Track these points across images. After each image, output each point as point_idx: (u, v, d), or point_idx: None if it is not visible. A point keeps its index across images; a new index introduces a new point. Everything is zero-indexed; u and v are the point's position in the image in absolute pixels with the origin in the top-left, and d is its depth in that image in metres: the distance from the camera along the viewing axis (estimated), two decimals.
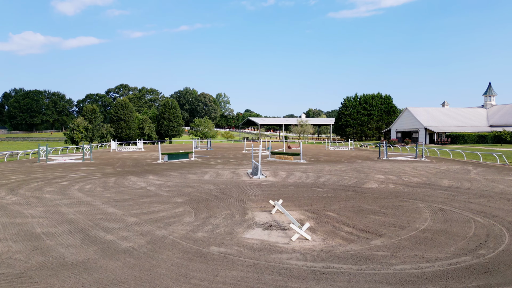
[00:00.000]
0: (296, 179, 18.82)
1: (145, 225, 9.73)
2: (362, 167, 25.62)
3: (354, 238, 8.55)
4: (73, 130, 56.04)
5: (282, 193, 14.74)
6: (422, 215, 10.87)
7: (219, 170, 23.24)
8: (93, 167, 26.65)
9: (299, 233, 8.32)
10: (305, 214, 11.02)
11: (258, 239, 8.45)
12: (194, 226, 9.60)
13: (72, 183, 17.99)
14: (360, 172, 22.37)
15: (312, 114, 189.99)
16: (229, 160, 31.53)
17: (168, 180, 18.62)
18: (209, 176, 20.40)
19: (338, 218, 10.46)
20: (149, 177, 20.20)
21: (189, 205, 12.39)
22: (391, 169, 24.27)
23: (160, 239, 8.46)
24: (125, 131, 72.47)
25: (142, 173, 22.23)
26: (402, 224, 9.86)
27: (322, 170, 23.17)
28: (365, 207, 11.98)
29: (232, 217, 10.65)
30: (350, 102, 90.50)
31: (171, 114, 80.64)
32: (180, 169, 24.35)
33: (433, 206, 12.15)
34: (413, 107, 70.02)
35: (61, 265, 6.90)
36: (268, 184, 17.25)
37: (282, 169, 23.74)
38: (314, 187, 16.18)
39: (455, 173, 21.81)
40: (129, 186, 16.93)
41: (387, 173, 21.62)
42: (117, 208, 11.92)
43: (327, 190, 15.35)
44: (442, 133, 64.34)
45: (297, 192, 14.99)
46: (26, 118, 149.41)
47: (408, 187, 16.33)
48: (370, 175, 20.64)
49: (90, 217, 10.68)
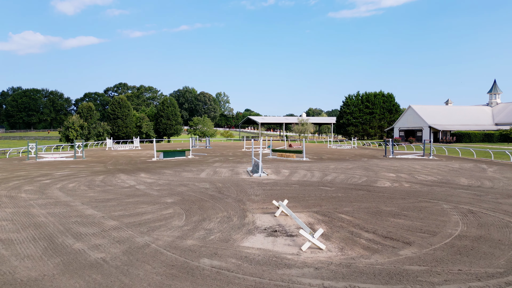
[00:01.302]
0: (301, 177, 17.25)
1: (125, 230, 8.17)
2: (369, 165, 24.05)
3: (378, 247, 6.98)
4: (68, 128, 54.37)
5: (286, 192, 13.17)
6: (451, 218, 9.31)
7: (216, 168, 21.67)
8: (83, 164, 25.08)
9: (311, 241, 6.76)
10: (314, 217, 9.45)
11: (260, 249, 6.88)
12: (184, 232, 8.04)
13: (56, 181, 16.41)
14: (368, 170, 20.80)
15: (313, 113, 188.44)
16: (228, 158, 29.95)
17: (160, 178, 17.03)
18: (206, 174, 18.83)
19: (354, 222, 8.90)
20: (140, 175, 18.63)
21: (180, 206, 10.82)
22: (400, 167, 22.70)
23: (140, 248, 6.90)
24: (122, 129, 70.85)
25: (134, 171, 20.65)
26: (430, 229, 8.30)
27: (327, 168, 21.60)
28: (383, 209, 10.41)
29: (229, 220, 9.09)
30: (352, 101, 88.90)
31: (170, 112, 79.00)
32: (175, 167, 22.77)
33: (460, 208, 10.59)
34: (416, 105, 68.41)
35: (5, 284, 5.33)
36: (270, 182, 15.68)
37: (285, 167, 22.16)
38: (321, 186, 14.60)
39: (470, 171, 20.24)
40: (116, 184, 15.36)
41: (398, 171, 20.06)
42: (97, 210, 10.35)
43: (336, 189, 13.78)
44: (447, 131, 62.75)
45: (303, 191, 13.41)
46: (23, 117, 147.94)
47: (425, 186, 14.76)
48: (380, 173, 19.07)
49: (62, 220, 9.11)
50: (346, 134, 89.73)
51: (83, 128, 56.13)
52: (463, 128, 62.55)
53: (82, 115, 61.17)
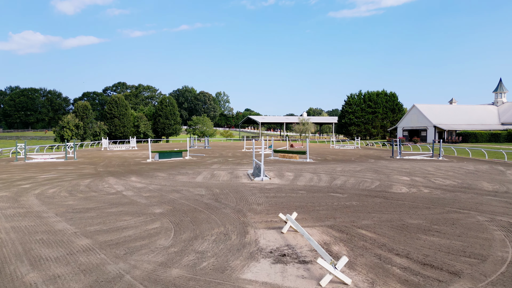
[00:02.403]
0: (307, 182, 15.66)
1: (97, 253, 6.58)
2: (378, 167, 22.47)
3: (419, 281, 5.39)
4: (62, 128, 52.77)
5: (293, 200, 11.58)
6: (493, 235, 7.72)
7: (214, 171, 20.08)
8: (72, 166, 23.49)
9: (333, 273, 5.17)
10: (329, 233, 7.86)
11: (266, 284, 5.29)
12: (169, 255, 6.45)
13: (36, 186, 14.83)
14: (378, 172, 19.22)
15: (313, 113, 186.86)
16: (227, 159, 28.36)
17: (151, 183, 15.45)
18: (202, 177, 17.24)
19: (378, 240, 7.31)
20: (131, 178, 17.05)
21: (169, 218, 9.24)
22: (412, 169, 21.11)
23: (109, 283, 5.31)
24: (119, 129, 69.25)
25: (125, 174, 19.07)
26: (475, 251, 6.72)
27: (334, 171, 20.01)
28: (408, 222, 8.83)
29: (226, 238, 7.50)
30: (354, 100, 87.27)
31: (168, 112, 77.38)
32: (170, 169, 21.19)
33: (498, 220, 9.01)
34: (421, 104, 66.80)
35: None
36: (273, 188, 14.09)
37: (288, 169, 20.58)
38: (332, 192, 13.01)
39: (489, 174, 18.66)
40: (102, 190, 13.77)
41: (411, 174, 18.48)
42: (70, 223, 8.77)
43: (348, 197, 12.19)
44: (452, 131, 61.16)
45: (312, 199, 11.83)
46: (21, 117, 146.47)
47: (447, 192, 13.17)
48: (392, 177, 17.49)
49: (25, 238, 7.53)
50: (348, 134, 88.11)
51: (78, 127, 54.53)
52: (469, 128, 60.95)
53: (78, 114, 59.58)
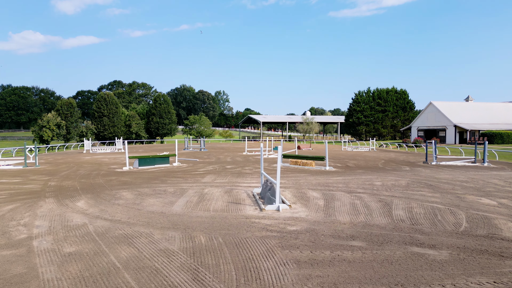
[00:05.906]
0: (351, 213, 9.85)
1: None
2: (425, 178, 16.75)
3: None
4: (42, 128, 47.01)
5: (349, 270, 5.83)
6: None
7: (205, 188, 14.32)
8: (21, 177, 17.80)
9: None
10: None
11: None
12: None
13: None
14: (437, 190, 13.47)
15: (315, 112, 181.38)
16: (225, 167, 22.58)
17: (100, 215, 9.67)
18: (185, 202, 11.47)
19: None
20: (77, 203, 11.31)
21: None
22: (472, 182, 15.39)
23: None
24: (108, 128, 63.49)
25: (77, 192, 13.34)
26: None
27: (375, 187, 14.25)
28: None
29: None
30: (363, 97, 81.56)
31: (162, 110, 71.59)
32: (146, 183, 15.47)
33: None
34: (438, 101, 61.08)
35: None
36: (301, 231, 8.26)
37: (309, 185, 14.82)
38: (413, 244, 7.19)
39: None
40: (6, 232, 8.04)
41: (487, 194, 12.74)
42: None
43: (448, 259, 6.42)
44: (475, 131, 55.43)
45: (385, 267, 6.06)
46: (12, 116, 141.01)
47: None
48: (465, 198, 11.76)
49: None
50: (356, 134, 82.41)
51: (60, 127, 48.77)
52: (493, 128, 55.24)
53: (61, 112, 53.82)
